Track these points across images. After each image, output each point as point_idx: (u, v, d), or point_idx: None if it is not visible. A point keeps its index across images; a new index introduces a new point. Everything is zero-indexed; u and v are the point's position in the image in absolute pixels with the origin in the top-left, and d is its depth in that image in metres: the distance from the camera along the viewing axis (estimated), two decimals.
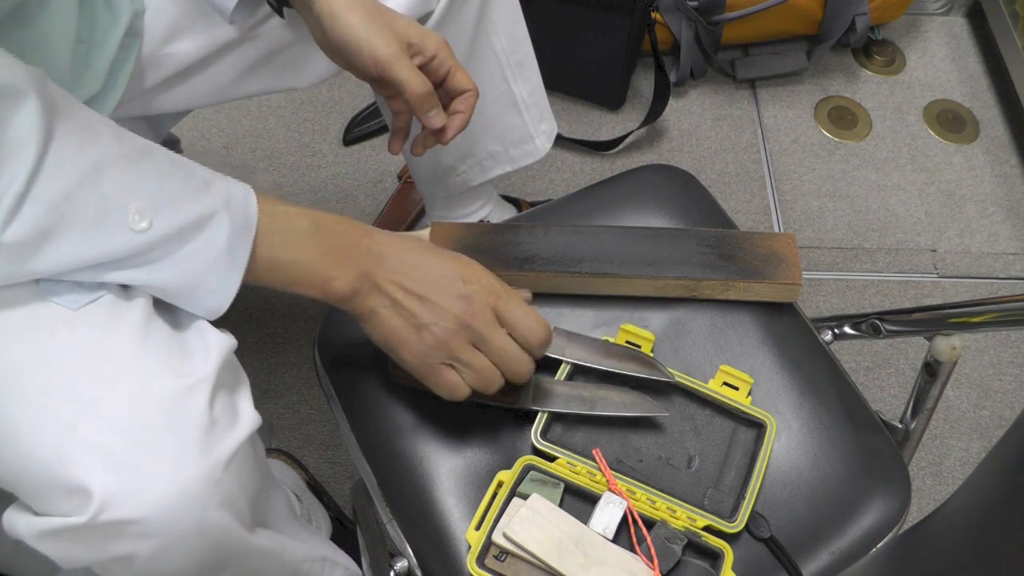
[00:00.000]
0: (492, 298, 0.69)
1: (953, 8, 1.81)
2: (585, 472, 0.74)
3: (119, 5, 0.79)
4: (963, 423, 1.34)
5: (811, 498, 0.76)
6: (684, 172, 0.95)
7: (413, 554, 0.75)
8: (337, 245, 0.67)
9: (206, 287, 0.62)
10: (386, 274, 0.68)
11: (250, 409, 0.64)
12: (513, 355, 0.70)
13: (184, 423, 0.59)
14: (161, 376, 0.60)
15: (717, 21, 1.57)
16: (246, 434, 0.62)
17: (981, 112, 1.68)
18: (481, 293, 0.69)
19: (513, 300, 0.71)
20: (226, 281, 0.63)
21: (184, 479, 0.58)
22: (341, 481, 1.25)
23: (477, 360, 0.69)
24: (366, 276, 0.68)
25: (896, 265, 1.49)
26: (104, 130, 0.59)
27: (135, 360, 0.60)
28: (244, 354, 1.47)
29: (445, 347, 0.68)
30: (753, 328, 0.83)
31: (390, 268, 0.68)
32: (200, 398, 0.60)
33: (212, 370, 0.61)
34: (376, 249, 0.68)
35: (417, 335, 0.68)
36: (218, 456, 0.59)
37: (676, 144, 1.61)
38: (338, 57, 0.80)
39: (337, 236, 0.67)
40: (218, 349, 0.63)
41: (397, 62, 0.77)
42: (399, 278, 0.68)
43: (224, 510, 0.60)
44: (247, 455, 0.63)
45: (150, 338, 0.61)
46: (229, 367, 0.65)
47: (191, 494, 0.58)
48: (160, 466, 0.57)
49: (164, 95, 0.90)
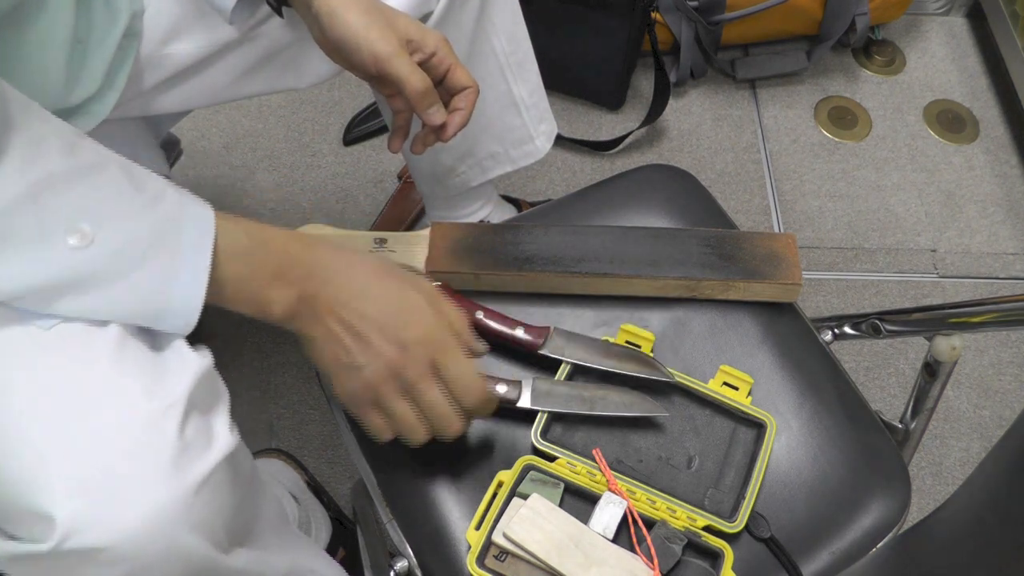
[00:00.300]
0: (432, 349, 0.67)
1: (953, 8, 1.81)
2: (585, 472, 0.74)
3: (118, 6, 0.78)
4: (963, 423, 1.34)
5: (811, 498, 0.76)
6: (684, 172, 0.95)
7: (413, 554, 0.75)
8: (276, 264, 0.65)
9: (171, 304, 0.61)
10: (326, 301, 0.66)
11: (226, 430, 0.63)
12: (441, 413, 0.68)
13: (154, 448, 0.58)
14: (132, 400, 0.59)
15: (717, 21, 1.57)
16: (220, 457, 0.61)
17: (981, 112, 1.68)
18: (421, 344, 0.66)
19: (454, 355, 0.68)
20: (188, 296, 0.61)
21: (153, 505, 0.57)
22: (341, 481, 1.25)
23: (401, 410, 0.67)
24: (305, 300, 0.65)
25: (896, 265, 1.49)
26: (54, 143, 0.57)
27: (106, 383, 0.59)
28: (244, 354, 1.47)
29: (373, 391, 0.67)
30: (753, 328, 0.83)
31: (331, 294, 0.66)
32: (171, 422, 0.59)
33: (185, 392, 0.60)
34: (321, 272, 0.66)
35: (347, 373, 0.67)
36: (189, 481, 0.58)
37: (676, 144, 1.61)
38: (337, 55, 0.80)
39: (275, 255, 0.65)
40: (193, 370, 0.62)
41: (396, 59, 0.77)
42: (339, 308, 0.65)
43: (196, 534, 0.59)
44: (223, 476, 0.62)
45: (123, 360, 0.60)
46: (205, 387, 0.64)
47: (160, 520, 0.57)
48: (128, 493, 0.57)
49: (163, 96, 0.89)
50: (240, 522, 0.68)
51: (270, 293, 0.65)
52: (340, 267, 0.67)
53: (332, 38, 0.77)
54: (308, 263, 0.66)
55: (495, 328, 0.79)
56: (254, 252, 0.64)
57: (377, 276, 0.68)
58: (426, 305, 0.68)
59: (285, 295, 0.65)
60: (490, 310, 0.80)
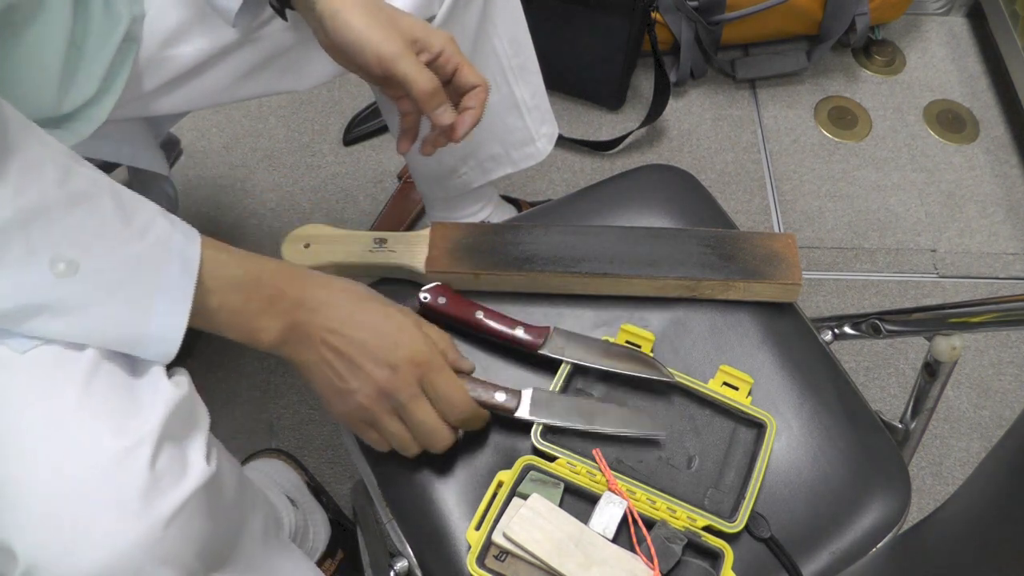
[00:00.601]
0: (420, 369, 0.69)
1: (953, 8, 1.81)
2: (585, 472, 0.74)
3: (117, 10, 0.78)
4: (963, 423, 1.34)
5: (811, 498, 0.76)
6: (684, 172, 0.95)
7: (413, 554, 0.75)
8: (266, 296, 0.67)
9: (150, 335, 0.61)
10: (316, 328, 0.68)
11: (201, 459, 0.63)
12: (430, 429, 0.71)
13: (122, 483, 0.57)
14: (100, 433, 0.58)
15: (717, 21, 1.57)
16: (193, 487, 0.61)
17: (981, 112, 1.68)
18: (409, 364, 0.69)
19: (442, 373, 0.70)
20: (168, 328, 0.62)
21: (118, 541, 0.56)
22: (341, 481, 1.25)
23: (394, 427, 0.71)
24: (295, 328, 0.68)
25: (896, 265, 1.49)
26: (50, 170, 0.58)
27: (75, 414, 0.59)
28: (244, 354, 1.47)
29: (366, 412, 0.70)
30: (753, 328, 0.83)
31: (320, 323, 0.68)
32: (141, 456, 0.58)
33: (156, 426, 0.60)
34: (309, 301, 0.68)
35: (341, 397, 0.69)
36: (158, 514, 0.58)
37: (676, 144, 1.61)
38: (342, 57, 0.79)
39: (267, 287, 0.67)
40: (166, 401, 0.62)
41: (401, 59, 0.75)
42: (328, 336, 0.68)
43: (166, 567, 0.59)
44: (197, 506, 0.61)
45: (94, 390, 0.60)
46: (180, 416, 0.63)
47: (126, 556, 0.57)
48: (93, 529, 0.56)
49: (163, 97, 0.89)
50: (219, 547, 0.67)
51: (260, 322, 0.67)
52: (327, 296, 0.69)
53: (336, 40, 0.76)
54: (296, 293, 0.68)
55: (495, 328, 0.79)
56: (246, 284, 0.66)
57: (362, 302, 0.70)
58: (412, 326, 0.71)
59: (274, 324, 0.67)
60: (490, 310, 0.80)
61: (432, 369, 0.70)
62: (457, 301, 0.80)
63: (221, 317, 0.65)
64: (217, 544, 0.66)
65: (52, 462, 0.57)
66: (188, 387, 0.65)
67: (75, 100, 0.76)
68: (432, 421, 0.71)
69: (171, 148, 1.23)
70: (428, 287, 0.81)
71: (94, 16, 0.76)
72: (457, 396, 0.71)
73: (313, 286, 0.69)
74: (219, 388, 1.31)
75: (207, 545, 0.63)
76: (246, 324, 0.66)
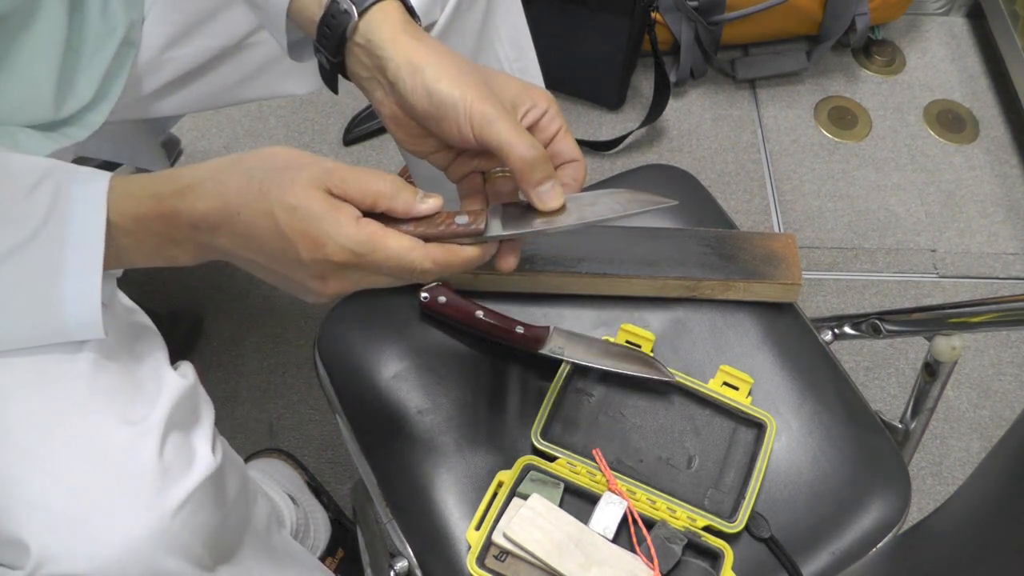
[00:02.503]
0: (346, 260, 0.56)
1: (953, 8, 1.81)
2: (585, 472, 0.74)
3: (114, 15, 0.77)
4: (963, 423, 1.34)
5: (811, 498, 0.76)
6: (684, 172, 0.95)
7: (413, 554, 0.75)
8: (161, 228, 0.58)
9: (63, 297, 0.57)
10: (222, 249, 0.59)
11: (207, 450, 0.63)
12: (398, 278, 0.59)
13: (130, 473, 0.58)
14: (108, 425, 0.58)
15: (717, 21, 1.57)
16: (200, 478, 0.60)
17: (981, 112, 1.68)
18: (328, 264, 0.56)
19: (375, 251, 0.56)
20: (83, 288, 0.57)
21: (129, 531, 0.57)
22: (341, 481, 1.25)
23: (367, 282, 0.59)
24: (203, 249, 0.59)
25: (896, 265, 1.49)
26: None
27: (81, 407, 0.59)
28: (244, 354, 1.47)
29: (328, 297, 0.60)
30: (753, 328, 0.83)
31: (223, 244, 0.58)
32: (149, 446, 0.58)
33: (162, 416, 0.60)
34: (201, 223, 0.58)
35: (298, 293, 0.60)
36: (167, 504, 0.58)
37: (676, 144, 1.61)
38: (414, 127, 0.64)
39: (161, 219, 0.58)
40: (171, 391, 0.62)
41: (500, 120, 0.59)
42: (238, 251, 0.58)
43: (176, 557, 0.59)
44: (204, 497, 0.61)
45: (99, 383, 0.60)
46: (185, 407, 0.63)
47: (137, 546, 0.57)
48: (103, 519, 0.56)
49: (163, 100, 0.89)
50: (226, 539, 0.67)
51: (166, 252, 0.59)
52: (217, 209, 0.57)
53: (417, 103, 0.61)
54: (187, 214, 0.58)
55: (495, 328, 0.79)
56: (135, 231, 0.59)
57: (251, 214, 0.57)
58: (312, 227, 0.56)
59: (181, 252, 0.60)
60: (490, 310, 0.80)
61: (353, 260, 0.56)
62: (457, 301, 0.80)
63: (122, 260, 0.60)
64: (224, 536, 0.66)
65: (61, 456, 0.57)
66: (193, 378, 0.65)
67: (72, 105, 0.76)
68: (393, 277, 0.59)
69: (172, 148, 1.23)
70: (428, 287, 0.81)
71: (90, 21, 0.76)
72: (402, 263, 0.57)
73: (201, 198, 0.57)
74: (219, 388, 1.31)
75: (214, 536, 0.64)
76: (147, 260, 0.60)
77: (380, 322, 0.83)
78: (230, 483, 0.68)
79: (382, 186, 0.57)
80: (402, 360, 0.81)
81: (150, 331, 0.70)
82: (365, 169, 0.58)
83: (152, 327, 0.70)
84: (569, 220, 0.60)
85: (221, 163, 0.58)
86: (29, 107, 0.70)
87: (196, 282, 1.37)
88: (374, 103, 0.66)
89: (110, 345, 0.62)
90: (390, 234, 0.56)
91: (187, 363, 0.68)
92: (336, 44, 0.65)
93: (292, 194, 0.55)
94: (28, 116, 0.70)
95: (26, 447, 0.57)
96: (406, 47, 0.62)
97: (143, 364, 0.64)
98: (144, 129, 0.97)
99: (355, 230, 0.55)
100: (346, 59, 0.66)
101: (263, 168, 0.56)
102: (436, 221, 0.59)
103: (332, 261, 0.56)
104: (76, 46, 0.74)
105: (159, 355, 0.67)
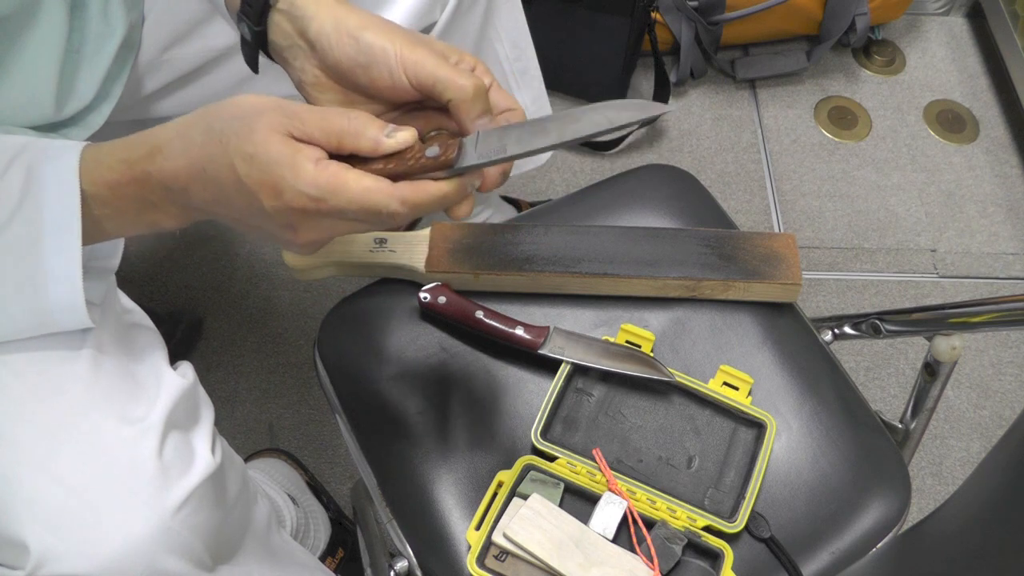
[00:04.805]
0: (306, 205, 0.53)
1: (953, 8, 1.81)
2: (585, 472, 0.74)
3: (115, 17, 0.77)
4: (963, 423, 1.34)
5: (811, 498, 0.76)
6: (684, 172, 0.95)
7: (413, 554, 0.75)
8: (137, 195, 0.57)
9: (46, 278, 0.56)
10: (197, 210, 0.57)
11: (207, 450, 0.63)
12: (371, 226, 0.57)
13: (129, 474, 0.58)
14: (108, 424, 0.58)
15: (717, 21, 1.57)
16: (200, 478, 0.61)
17: (981, 112, 1.68)
18: (289, 213, 0.54)
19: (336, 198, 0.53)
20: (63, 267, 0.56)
21: (129, 531, 0.57)
22: (341, 481, 1.25)
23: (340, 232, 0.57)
24: (183, 211, 0.58)
25: (896, 265, 1.49)
26: None
27: (81, 407, 0.59)
28: (244, 354, 1.47)
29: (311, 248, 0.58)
30: (753, 328, 0.83)
31: (197, 205, 0.57)
32: (149, 446, 0.58)
33: (162, 415, 0.60)
34: (171, 183, 0.56)
35: (265, 236, 0.58)
36: (167, 504, 0.58)
37: (676, 144, 1.61)
38: (340, 86, 0.63)
39: (135, 186, 0.56)
40: (171, 391, 0.62)
41: (431, 60, 0.59)
42: (212, 209, 0.56)
43: (176, 557, 0.59)
44: (204, 496, 0.61)
45: (99, 383, 0.60)
46: (185, 407, 0.63)
47: (138, 546, 0.57)
48: (103, 519, 0.56)
49: (162, 100, 0.89)
50: (226, 539, 0.68)
51: (148, 217, 0.58)
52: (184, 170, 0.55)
53: (345, 56, 0.60)
54: (157, 178, 0.56)
55: (495, 328, 0.79)
56: (111, 199, 0.57)
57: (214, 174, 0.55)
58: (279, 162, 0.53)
59: (163, 217, 0.58)
60: (490, 310, 0.80)
61: (312, 206, 0.54)
62: (457, 301, 0.80)
63: (107, 230, 0.58)
64: (224, 536, 0.66)
65: (61, 456, 0.57)
66: (193, 378, 0.65)
67: (73, 106, 0.76)
68: (364, 223, 0.56)
69: None
70: (428, 287, 0.81)
71: (91, 23, 0.76)
72: (359, 210, 0.54)
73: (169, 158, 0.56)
74: (219, 388, 1.31)
75: (215, 536, 0.64)
76: (133, 228, 0.59)
77: (380, 322, 0.83)
78: (230, 483, 0.68)
79: (344, 123, 0.53)
80: (402, 360, 0.81)
81: (149, 331, 0.70)
82: (329, 108, 0.55)
83: (152, 327, 0.71)
84: (548, 139, 0.56)
85: (188, 119, 0.56)
86: (30, 108, 0.70)
87: (196, 282, 1.37)
88: (294, 76, 0.64)
89: (109, 345, 0.62)
90: (351, 175, 0.52)
91: (187, 363, 0.69)
92: (259, 12, 0.63)
93: (250, 142, 0.52)
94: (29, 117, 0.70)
95: (26, 447, 0.57)
96: (329, 6, 0.61)
97: (142, 364, 0.64)
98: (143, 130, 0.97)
99: (313, 174, 0.52)
100: (267, 31, 0.64)
101: (224, 118, 0.54)
102: (406, 156, 0.55)
103: (293, 208, 0.53)
104: (77, 47, 0.74)
105: (158, 355, 0.67)
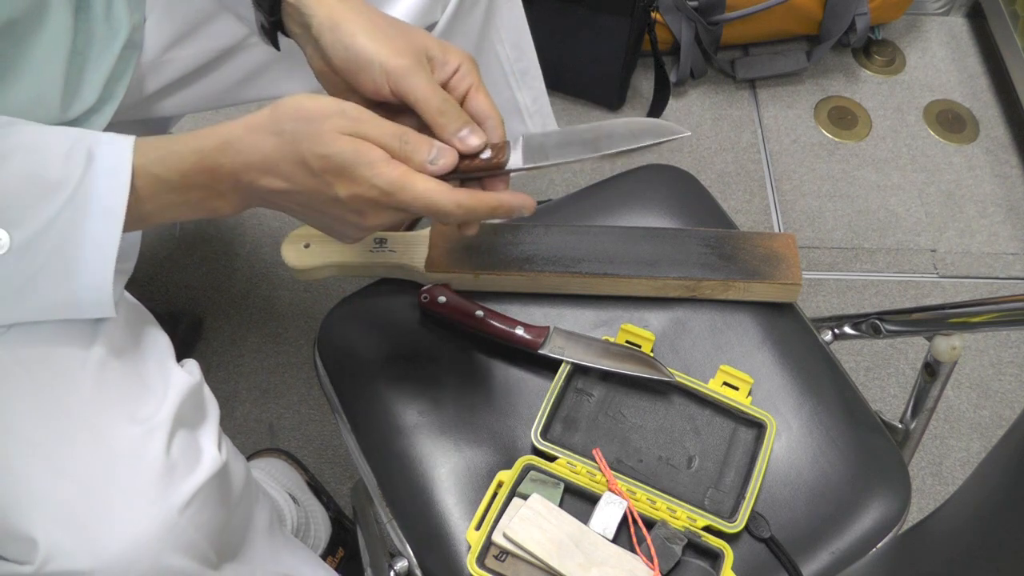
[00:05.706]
0: (377, 197, 0.60)
1: (953, 8, 1.81)
2: (585, 472, 0.74)
3: (118, 19, 0.78)
4: (963, 423, 1.34)
5: (811, 498, 0.76)
6: (684, 172, 0.95)
7: (413, 554, 0.75)
8: (201, 185, 0.61)
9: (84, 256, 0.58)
10: (263, 197, 0.62)
11: (213, 448, 0.63)
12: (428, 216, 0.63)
13: (138, 470, 0.58)
14: (116, 422, 0.59)
15: (717, 21, 1.57)
16: (207, 476, 0.61)
17: (981, 112, 1.68)
18: (362, 200, 0.60)
19: (404, 194, 0.60)
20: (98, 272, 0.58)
21: (137, 528, 0.57)
22: (341, 481, 1.25)
23: (401, 217, 0.64)
24: (246, 198, 0.62)
25: (896, 265, 1.49)
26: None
27: (90, 406, 0.59)
28: (244, 354, 1.47)
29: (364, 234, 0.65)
30: (753, 328, 0.83)
31: (264, 195, 0.62)
32: (156, 443, 0.59)
33: (169, 413, 0.60)
34: (242, 175, 0.61)
35: (328, 221, 0.64)
36: (174, 501, 0.59)
37: (676, 144, 1.61)
38: (340, 81, 0.68)
39: (201, 176, 0.61)
40: (178, 389, 0.62)
41: (412, 74, 0.63)
42: (278, 199, 0.62)
43: (182, 554, 0.59)
44: (210, 494, 0.62)
45: (107, 381, 0.60)
46: (192, 404, 0.63)
47: (144, 543, 0.57)
48: (111, 516, 0.57)
49: (164, 100, 0.89)
50: (230, 537, 0.68)
51: (208, 205, 0.62)
52: (260, 170, 0.61)
53: (336, 57, 0.65)
54: (228, 170, 0.61)
55: (495, 328, 0.79)
56: (179, 185, 0.61)
57: (287, 163, 0.61)
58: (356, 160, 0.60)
59: (223, 204, 0.62)
60: (490, 310, 0.80)
61: (383, 199, 0.60)
62: (457, 301, 0.80)
63: (166, 215, 0.61)
64: (229, 534, 0.67)
65: (69, 453, 0.58)
66: (199, 376, 0.66)
67: (78, 107, 0.76)
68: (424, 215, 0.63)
69: None
70: (428, 287, 0.81)
71: (95, 25, 0.76)
72: (422, 207, 0.61)
73: (240, 152, 0.62)
74: (219, 388, 1.31)
75: (220, 534, 0.64)
76: (193, 213, 0.62)
77: (380, 322, 0.83)
78: (235, 481, 0.69)
79: (396, 146, 0.61)
80: (402, 360, 0.81)
81: (155, 329, 0.70)
82: (383, 122, 0.61)
83: (157, 325, 0.71)
84: (586, 152, 0.64)
85: (253, 119, 0.63)
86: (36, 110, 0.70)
87: (196, 282, 1.37)
88: (308, 59, 0.70)
89: (117, 343, 0.63)
90: (418, 176, 0.60)
91: (193, 361, 0.69)
92: (271, 3, 0.69)
93: (321, 143, 0.59)
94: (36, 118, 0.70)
95: (35, 444, 0.58)
96: (327, 5, 0.66)
97: (150, 362, 0.64)
98: (145, 129, 0.97)
99: (387, 170, 0.59)
100: (283, 18, 0.70)
101: (292, 119, 0.60)
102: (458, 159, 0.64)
103: (366, 198, 0.60)
104: (82, 49, 0.75)
105: (165, 353, 0.67)
